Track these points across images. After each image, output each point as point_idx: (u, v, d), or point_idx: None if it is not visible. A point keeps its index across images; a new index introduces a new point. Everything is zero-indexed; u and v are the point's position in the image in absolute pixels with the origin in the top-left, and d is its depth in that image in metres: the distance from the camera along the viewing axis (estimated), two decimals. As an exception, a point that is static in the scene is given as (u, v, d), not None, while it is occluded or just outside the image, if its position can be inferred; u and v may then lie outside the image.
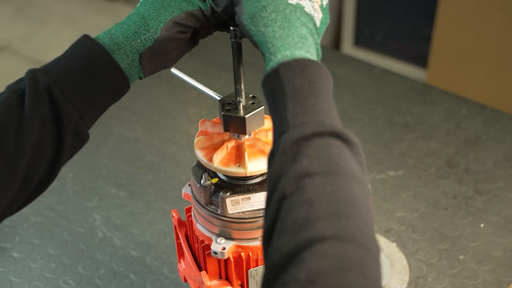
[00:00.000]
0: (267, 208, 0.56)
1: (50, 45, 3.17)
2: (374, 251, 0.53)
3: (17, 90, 0.68)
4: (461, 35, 2.25)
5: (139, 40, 0.71)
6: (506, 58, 2.18)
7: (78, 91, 0.69)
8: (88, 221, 1.23)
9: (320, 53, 0.65)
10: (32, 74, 0.69)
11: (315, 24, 0.65)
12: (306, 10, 0.65)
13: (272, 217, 0.55)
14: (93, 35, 0.73)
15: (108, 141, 1.42)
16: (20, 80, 0.70)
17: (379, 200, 1.25)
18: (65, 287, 1.11)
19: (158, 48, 0.71)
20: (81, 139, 0.72)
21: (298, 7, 0.64)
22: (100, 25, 3.23)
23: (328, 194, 0.53)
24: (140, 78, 0.74)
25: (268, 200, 0.57)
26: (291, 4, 0.64)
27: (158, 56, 0.72)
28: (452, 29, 2.27)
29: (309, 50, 0.62)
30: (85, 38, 0.71)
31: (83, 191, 1.30)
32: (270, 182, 0.57)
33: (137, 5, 0.73)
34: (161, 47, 0.71)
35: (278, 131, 0.59)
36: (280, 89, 0.59)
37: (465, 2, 2.19)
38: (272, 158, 0.58)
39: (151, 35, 0.71)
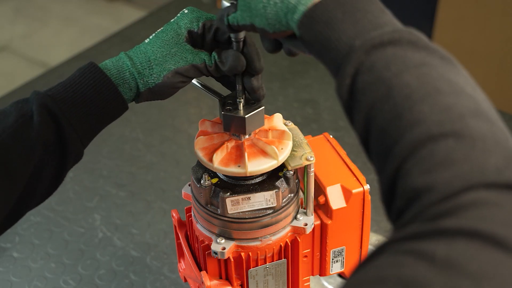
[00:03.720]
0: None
1: (50, 45, 3.17)
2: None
3: (24, 114, 0.71)
4: (461, 35, 2.25)
5: (142, 81, 0.74)
6: (506, 58, 2.18)
7: (82, 121, 0.73)
8: (88, 221, 1.23)
9: None
10: (41, 100, 0.71)
11: None
12: None
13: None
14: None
15: (108, 141, 1.42)
16: (26, 101, 0.72)
17: (379, 200, 1.24)
18: (65, 287, 1.11)
19: (158, 91, 0.75)
20: (79, 158, 0.76)
21: None
22: (100, 25, 3.23)
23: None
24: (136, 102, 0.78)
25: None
26: None
27: (157, 95, 0.76)
28: (452, 29, 2.27)
29: None
30: (93, 68, 0.73)
31: (83, 191, 1.30)
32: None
33: (147, 41, 0.75)
34: (161, 90, 0.75)
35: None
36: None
37: (465, 2, 2.19)
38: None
39: (153, 80, 0.74)
